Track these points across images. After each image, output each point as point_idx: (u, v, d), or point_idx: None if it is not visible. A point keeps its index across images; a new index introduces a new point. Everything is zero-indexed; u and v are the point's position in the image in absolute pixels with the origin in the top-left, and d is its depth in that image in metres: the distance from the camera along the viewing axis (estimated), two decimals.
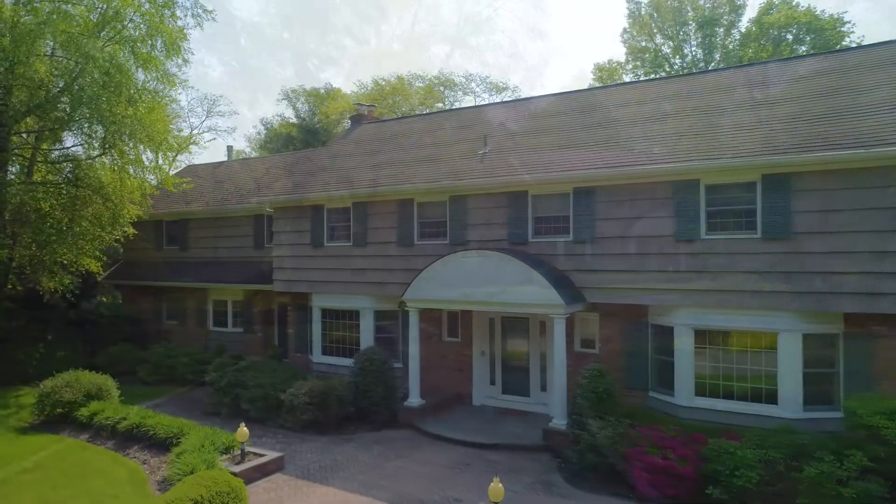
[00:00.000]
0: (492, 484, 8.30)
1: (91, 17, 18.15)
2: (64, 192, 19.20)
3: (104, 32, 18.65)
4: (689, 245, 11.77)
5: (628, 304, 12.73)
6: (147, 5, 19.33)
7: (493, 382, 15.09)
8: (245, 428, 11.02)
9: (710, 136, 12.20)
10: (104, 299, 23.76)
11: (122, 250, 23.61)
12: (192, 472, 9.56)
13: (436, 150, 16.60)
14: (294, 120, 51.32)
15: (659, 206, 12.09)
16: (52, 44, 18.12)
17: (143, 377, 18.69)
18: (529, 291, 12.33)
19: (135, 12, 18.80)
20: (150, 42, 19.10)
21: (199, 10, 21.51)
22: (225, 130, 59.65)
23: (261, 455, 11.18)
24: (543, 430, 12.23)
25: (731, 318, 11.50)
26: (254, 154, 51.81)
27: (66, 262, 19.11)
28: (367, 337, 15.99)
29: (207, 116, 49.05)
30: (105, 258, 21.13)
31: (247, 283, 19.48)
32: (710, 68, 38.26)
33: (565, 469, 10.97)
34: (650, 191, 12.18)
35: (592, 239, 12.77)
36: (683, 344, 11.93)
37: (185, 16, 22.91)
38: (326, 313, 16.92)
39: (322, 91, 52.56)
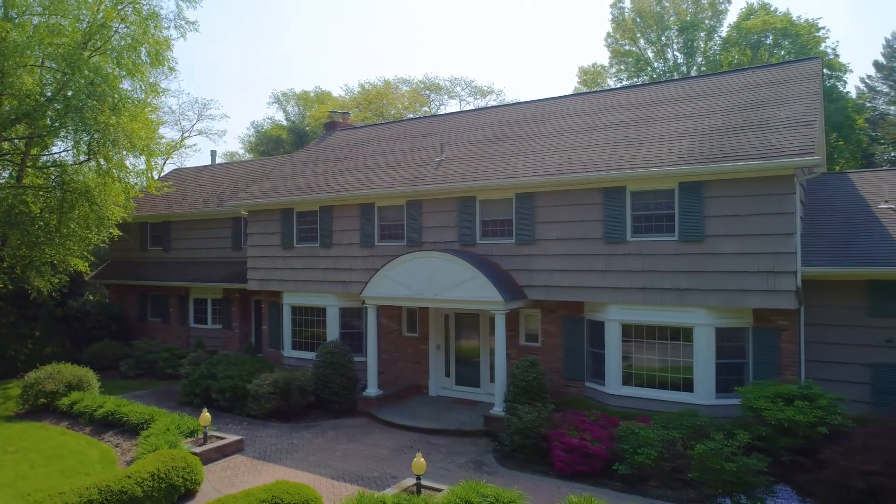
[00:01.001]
0: (415, 459, 9.38)
1: (79, 26, 19.16)
2: (52, 195, 20.25)
3: (91, 43, 19.71)
4: (616, 246, 12.84)
5: (566, 301, 13.81)
6: (132, 17, 20.41)
7: (447, 374, 16.17)
8: (207, 413, 12.11)
9: (637, 146, 13.26)
10: (91, 297, 24.79)
11: (108, 251, 24.72)
12: (155, 452, 10.62)
13: (398, 156, 17.67)
14: (284, 123, 52.42)
15: (591, 210, 13.16)
16: (39, 54, 19.17)
17: (126, 371, 19.77)
18: (473, 289, 13.41)
19: (121, 23, 19.87)
20: (134, 52, 20.13)
21: (182, 22, 22.65)
22: (216, 133, 60.62)
23: (222, 438, 12.25)
24: (484, 417, 13.30)
25: (653, 313, 12.57)
26: (248, 156, 52.93)
27: (55, 262, 20.18)
28: (333, 332, 17.05)
29: (199, 119, 49.89)
30: (93, 258, 22.19)
31: (225, 282, 20.53)
32: (650, 81, 39.48)
33: (499, 451, 12.04)
34: (583, 196, 13.25)
35: (533, 241, 13.85)
36: (612, 338, 13.01)
37: (169, 27, 23.88)
38: (296, 310, 17.99)
39: (312, 94, 53.69)
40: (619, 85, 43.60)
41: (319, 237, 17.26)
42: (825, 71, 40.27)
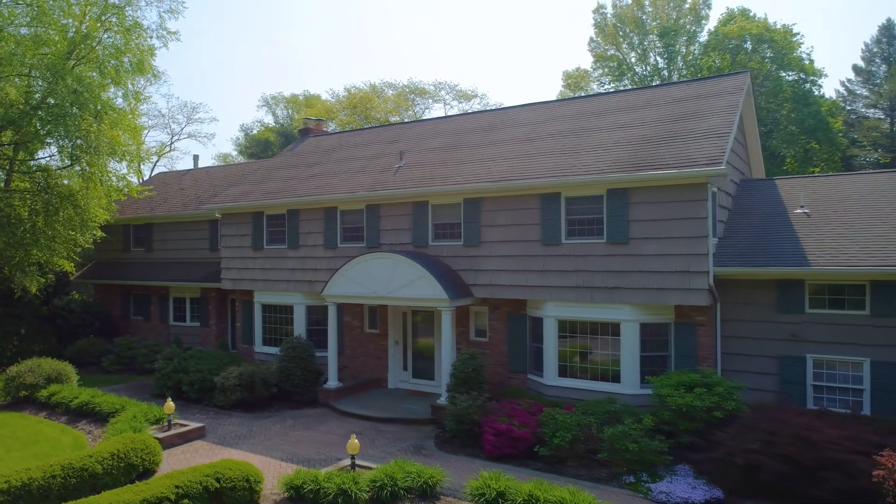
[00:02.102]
0: (349, 441, 10.40)
1: (67, 34, 20.10)
2: (38, 198, 21.23)
3: (75, 52, 20.70)
4: (552, 248, 13.86)
5: (510, 299, 14.83)
6: (116, 27, 21.41)
7: (405, 368, 17.19)
8: (171, 402, 13.13)
9: (573, 155, 14.29)
10: (76, 296, 25.77)
11: (94, 251, 25.71)
12: (119, 435, 11.62)
13: (363, 163, 18.69)
14: (273, 125, 53.40)
15: (530, 214, 14.18)
16: (28, 63, 20.13)
17: (107, 367, 20.77)
18: (422, 288, 14.43)
19: (105, 31, 20.87)
20: (117, 61, 21.12)
21: (164, 32, 23.68)
22: (205, 136, 61.61)
23: (185, 425, 13.27)
24: (431, 406, 14.31)
25: (585, 310, 13.58)
26: (240, 158, 53.90)
27: (41, 262, 21.17)
28: (300, 329, 18.05)
29: (188, 123, 50.89)
30: (79, 259, 23.18)
31: (202, 282, 21.52)
32: (593, 93, 40.58)
33: (440, 437, 13.05)
34: (523, 202, 14.27)
35: (479, 243, 14.87)
36: (549, 333, 14.03)
37: (151, 37, 24.85)
38: (266, 308, 19.00)
39: (301, 98, 54.69)
40: (562, 98, 44.50)
41: (287, 239, 18.27)
42: (800, 76, 41.29)
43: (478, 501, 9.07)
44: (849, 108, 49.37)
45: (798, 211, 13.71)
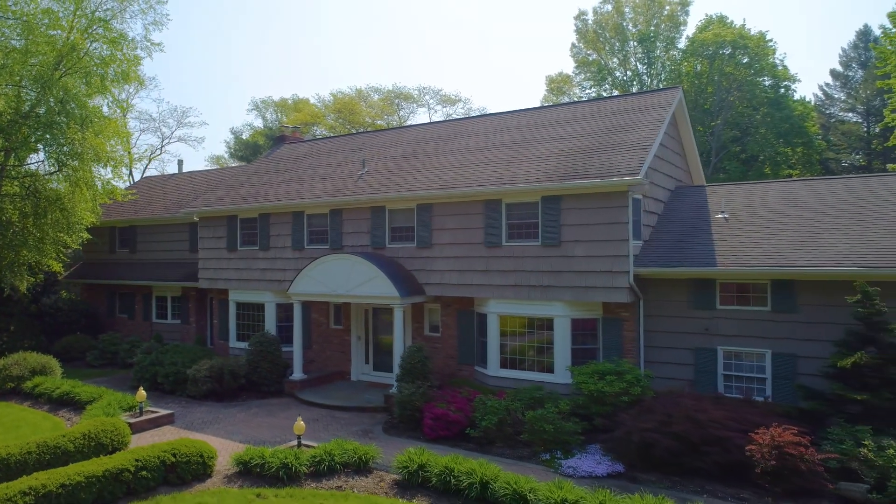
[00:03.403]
0: (295, 423, 11.64)
1: (55, 45, 21.26)
2: (27, 202, 22.43)
3: (63, 63, 21.90)
4: (495, 250, 15.10)
5: (458, 297, 16.08)
6: (102, 38, 22.61)
7: (367, 361, 18.44)
8: (143, 391, 14.35)
9: (515, 165, 15.54)
10: (64, 295, 26.97)
11: (82, 252, 26.92)
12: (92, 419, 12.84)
13: (329, 170, 19.93)
14: (262, 129, 54.60)
15: (475, 219, 15.43)
16: (18, 76, 21.32)
17: (91, 361, 21.99)
18: (376, 286, 15.67)
19: (92, 42, 22.07)
20: (103, 72, 22.30)
21: (148, 44, 24.97)
22: (195, 140, 62.91)
23: (155, 412, 14.49)
24: (385, 396, 15.55)
25: (523, 307, 14.83)
26: (232, 161, 55.14)
27: (31, 262, 22.37)
28: (270, 326, 19.27)
29: (178, 127, 52.06)
30: (67, 259, 24.38)
31: (182, 281, 22.73)
32: (541, 105, 41.77)
33: (388, 422, 14.29)
34: (469, 207, 15.51)
35: (430, 245, 16.11)
36: (492, 327, 15.26)
37: (136, 48, 26.05)
38: (240, 306, 20.23)
39: (290, 101, 55.90)
40: (513, 109, 45.85)
41: (259, 241, 19.50)
42: (773, 80, 42.45)
43: (402, 473, 10.32)
44: (827, 111, 50.74)
45: (719, 216, 14.96)
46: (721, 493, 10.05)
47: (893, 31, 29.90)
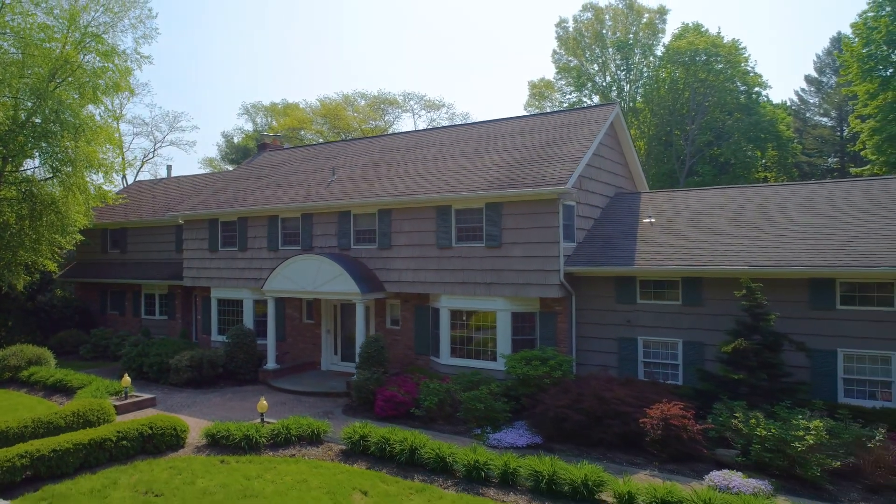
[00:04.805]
0: (259, 401, 13.31)
1: (50, 57, 22.83)
2: (24, 206, 24.04)
3: (57, 74, 23.52)
4: (446, 251, 16.79)
5: (414, 293, 17.76)
6: (95, 50, 24.23)
7: (336, 353, 20.12)
8: (128, 377, 16.01)
9: (465, 174, 17.22)
10: (59, 293, 28.60)
11: (76, 252, 28.56)
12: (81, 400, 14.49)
13: (303, 176, 21.60)
14: (252, 132, 56.20)
15: (428, 223, 17.11)
16: (15, 88, 22.92)
17: (83, 354, 23.62)
18: (340, 284, 17.35)
19: (85, 55, 23.69)
20: (94, 83, 23.90)
21: (138, 56, 26.72)
22: (187, 144, 64.53)
23: (139, 396, 16.15)
24: (347, 382, 17.22)
25: (470, 302, 16.51)
26: (224, 164, 56.77)
27: (28, 262, 23.99)
28: (248, 320, 20.94)
29: (170, 131, 53.66)
30: (62, 259, 26.01)
31: (169, 280, 24.38)
32: (494, 119, 43.43)
33: (348, 405, 15.97)
34: (423, 213, 17.20)
35: (390, 246, 17.80)
36: (444, 321, 16.95)
37: (127, 61, 27.66)
38: (221, 302, 21.89)
39: (279, 106, 57.52)
40: (464, 122, 47.45)
41: (238, 242, 21.16)
42: (745, 86, 44.10)
43: (347, 443, 12.02)
44: (802, 116, 52.52)
45: (646, 221, 16.66)
46: (619, 458, 11.75)
47: (856, 40, 31.63)
